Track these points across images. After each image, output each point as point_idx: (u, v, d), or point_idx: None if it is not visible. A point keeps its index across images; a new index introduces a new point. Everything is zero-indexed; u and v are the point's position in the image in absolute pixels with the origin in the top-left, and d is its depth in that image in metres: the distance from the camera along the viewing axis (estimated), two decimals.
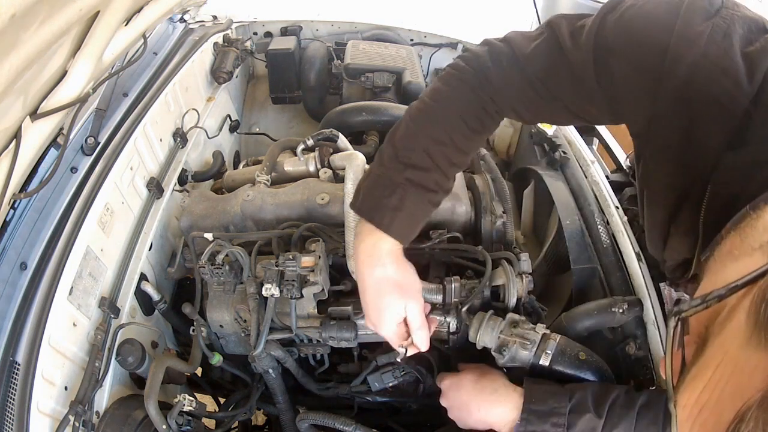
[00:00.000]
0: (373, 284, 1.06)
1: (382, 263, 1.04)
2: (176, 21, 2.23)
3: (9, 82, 0.85)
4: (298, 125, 2.70)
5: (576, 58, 0.87)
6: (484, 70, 1.00)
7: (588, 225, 1.57)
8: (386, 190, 1.01)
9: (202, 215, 1.51)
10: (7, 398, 1.02)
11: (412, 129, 1.03)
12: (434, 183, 1.02)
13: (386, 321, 1.09)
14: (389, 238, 1.02)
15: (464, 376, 1.25)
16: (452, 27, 2.69)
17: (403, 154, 1.01)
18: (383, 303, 1.07)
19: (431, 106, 1.04)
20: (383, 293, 1.06)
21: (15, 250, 1.19)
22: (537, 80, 0.94)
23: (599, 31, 0.84)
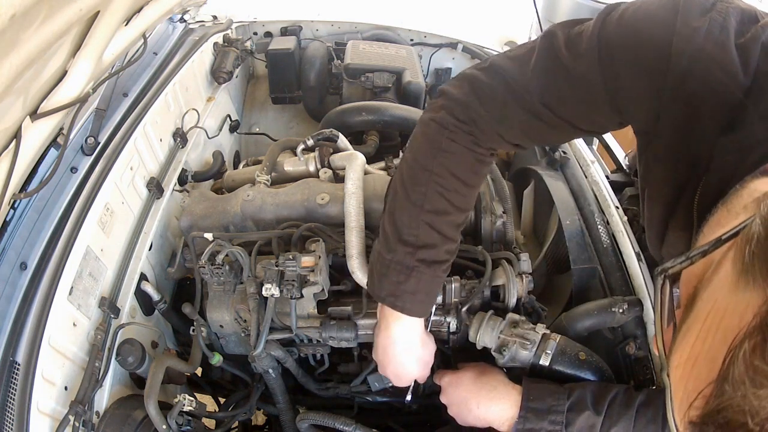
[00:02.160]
0: (392, 359, 1.18)
1: (409, 344, 1.17)
2: (176, 21, 2.23)
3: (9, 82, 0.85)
4: (298, 125, 2.70)
5: (579, 69, 0.86)
6: (476, 120, 0.97)
7: (588, 225, 1.57)
8: (401, 276, 1.03)
9: (202, 215, 1.51)
10: (7, 398, 1.02)
11: (409, 206, 1.01)
12: (445, 253, 1.04)
13: (405, 381, 1.24)
14: (414, 319, 1.13)
15: (464, 373, 1.26)
16: (452, 27, 2.69)
17: (408, 235, 1.01)
18: (406, 373, 1.22)
19: (423, 176, 1.00)
20: (408, 367, 1.20)
21: (15, 250, 1.19)
22: (541, 106, 0.91)
23: (601, 35, 0.84)
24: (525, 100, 0.92)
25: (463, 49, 2.69)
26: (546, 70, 0.90)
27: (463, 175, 1.00)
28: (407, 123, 1.93)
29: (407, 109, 1.96)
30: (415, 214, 1.00)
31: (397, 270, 1.03)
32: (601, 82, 0.84)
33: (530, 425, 1.10)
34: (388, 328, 1.13)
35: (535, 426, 1.10)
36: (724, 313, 0.45)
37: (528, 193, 1.90)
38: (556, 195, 1.67)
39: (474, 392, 1.20)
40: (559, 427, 1.09)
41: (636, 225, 1.59)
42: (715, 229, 0.62)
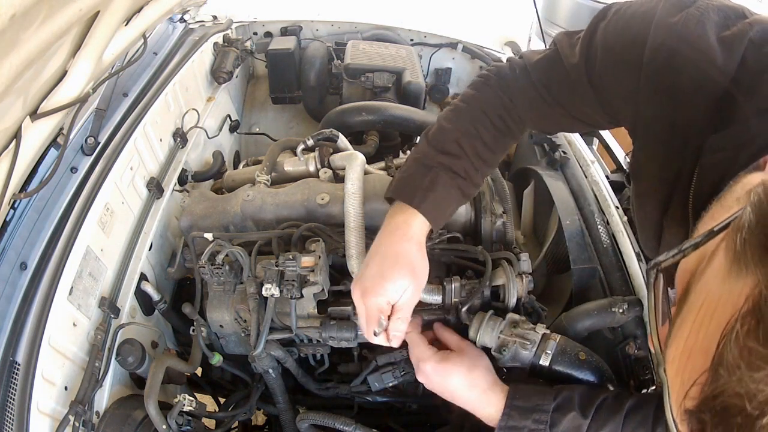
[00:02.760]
0: (391, 253, 1.05)
1: (409, 238, 1.05)
2: (176, 21, 2.23)
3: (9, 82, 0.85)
4: (298, 125, 2.71)
5: (570, 64, 0.95)
6: (503, 75, 1.12)
7: (588, 225, 1.57)
8: (419, 172, 1.08)
9: (202, 215, 1.51)
10: (7, 398, 1.02)
11: (443, 125, 1.12)
12: (464, 170, 1.08)
13: (381, 293, 1.04)
14: (420, 218, 1.06)
15: (453, 368, 1.16)
16: (452, 27, 2.69)
17: (436, 142, 1.09)
18: (391, 274, 1.03)
19: (460, 106, 1.13)
20: (396, 266, 1.04)
21: (15, 250, 1.19)
22: (541, 86, 1.03)
23: (590, 36, 0.92)
24: (531, 77, 1.05)
25: (463, 49, 2.69)
26: (549, 61, 1.02)
27: (490, 115, 1.10)
28: (407, 123, 1.93)
29: (407, 109, 1.96)
30: (446, 130, 1.10)
31: (417, 168, 1.08)
32: (586, 80, 0.93)
33: (513, 423, 1.07)
34: (390, 223, 1.08)
35: (518, 424, 1.07)
36: (717, 302, 0.44)
37: (528, 193, 1.90)
38: (556, 195, 1.67)
39: (464, 392, 1.14)
40: (543, 426, 1.06)
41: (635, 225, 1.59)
42: (708, 224, 0.62)
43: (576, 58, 0.94)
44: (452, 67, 2.78)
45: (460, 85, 2.85)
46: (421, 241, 1.08)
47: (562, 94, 1.01)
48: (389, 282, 1.04)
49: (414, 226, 1.06)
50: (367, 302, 1.06)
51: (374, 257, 1.07)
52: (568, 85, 0.98)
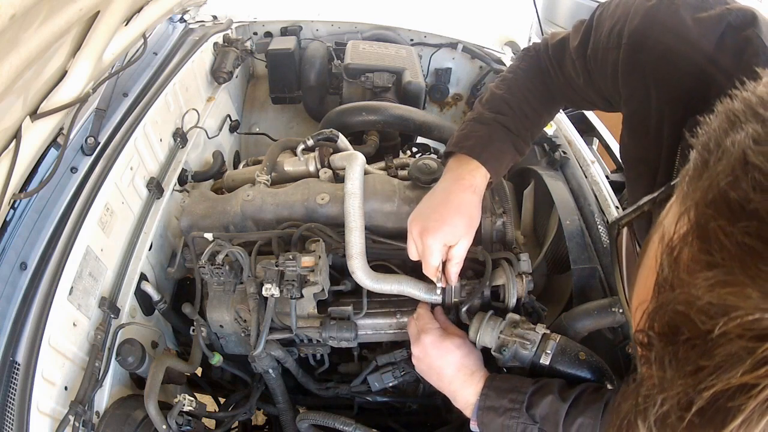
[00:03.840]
0: (454, 200, 1.13)
1: (472, 189, 1.14)
2: (176, 21, 2.23)
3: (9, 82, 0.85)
4: (298, 125, 2.71)
5: (573, 46, 1.05)
6: (537, 48, 1.23)
7: (588, 225, 1.57)
8: (476, 128, 1.17)
9: (202, 215, 1.51)
10: (7, 398, 1.02)
11: (494, 91, 1.22)
12: (515, 128, 1.17)
13: (440, 235, 1.12)
14: (482, 170, 1.14)
15: (451, 347, 1.21)
16: (452, 27, 2.69)
17: (489, 105, 1.20)
18: (452, 220, 1.12)
19: (507, 76, 1.24)
20: (458, 214, 1.12)
21: (15, 250, 1.19)
22: (556, 63, 1.15)
23: (589, 21, 1.01)
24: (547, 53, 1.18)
25: (463, 49, 2.69)
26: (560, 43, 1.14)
27: (533, 77, 1.21)
28: (407, 123, 1.93)
29: (407, 109, 1.96)
30: (495, 93, 1.21)
31: (475, 124, 1.18)
32: (583, 64, 1.02)
33: (490, 402, 1.10)
34: (454, 173, 1.15)
35: (494, 403, 1.10)
36: (663, 236, 0.44)
37: (528, 193, 1.90)
38: (556, 195, 1.67)
39: (454, 372, 1.19)
40: (518, 405, 1.08)
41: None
42: None
43: (576, 41, 1.03)
44: (452, 67, 2.78)
45: (460, 85, 2.85)
46: (481, 194, 1.17)
47: (567, 73, 1.11)
48: (449, 227, 1.12)
49: (477, 177, 1.14)
50: (425, 240, 1.14)
51: (437, 200, 1.15)
52: (570, 64, 1.08)
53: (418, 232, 1.16)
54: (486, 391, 1.12)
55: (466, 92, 2.87)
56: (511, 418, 1.08)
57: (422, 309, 1.32)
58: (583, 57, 1.02)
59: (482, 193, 1.18)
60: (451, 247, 1.17)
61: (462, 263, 1.20)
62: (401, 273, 1.39)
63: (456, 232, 1.13)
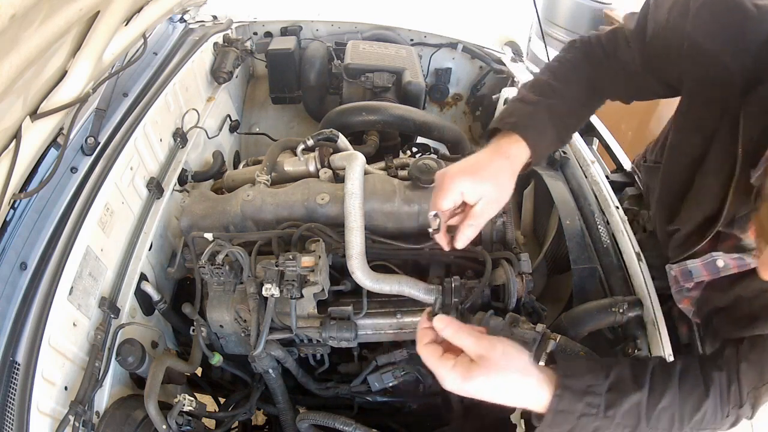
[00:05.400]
0: (485, 160, 1.11)
1: (507, 156, 1.12)
2: (176, 21, 2.23)
3: (9, 82, 0.85)
4: (298, 125, 2.71)
5: (629, 30, 1.17)
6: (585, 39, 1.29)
7: (588, 225, 1.57)
8: (519, 107, 1.19)
9: (202, 215, 1.51)
10: (7, 398, 1.02)
11: (539, 77, 1.27)
12: (557, 110, 1.19)
13: (461, 182, 1.08)
14: (522, 144, 1.13)
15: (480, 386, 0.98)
16: (452, 27, 2.69)
17: (532, 88, 1.23)
18: (478, 174, 1.09)
19: (552, 65, 1.29)
20: (485, 171, 1.09)
21: (15, 250, 1.19)
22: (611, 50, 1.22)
23: (645, 8, 1.12)
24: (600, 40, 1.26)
25: (463, 49, 2.69)
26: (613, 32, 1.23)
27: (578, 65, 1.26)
28: (407, 123, 1.93)
29: (407, 109, 1.96)
30: (541, 80, 1.25)
31: (518, 104, 1.21)
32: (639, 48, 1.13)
33: (564, 406, 0.97)
34: (494, 144, 1.15)
35: (568, 408, 0.97)
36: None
37: (528, 193, 1.90)
38: (556, 195, 1.67)
39: (499, 398, 0.99)
40: (595, 410, 0.98)
41: (636, 225, 1.59)
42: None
43: (633, 26, 1.13)
44: (452, 67, 2.78)
45: (460, 85, 2.85)
46: (516, 166, 1.13)
47: (623, 59, 1.18)
48: (472, 176, 1.08)
49: (514, 148, 1.12)
50: (446, 181, 1.09)
51: (469, 161, 1.12)
52: (626, 50, 1.17)
53: (443, 173, 1.11)
54: (560, 391, 0.98)
55: (466, 92, 2.87)
56: (587, 419, 0.98)
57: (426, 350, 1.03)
58: (642, 41, 1.11)
59: (518, 165, 1.13)
60: (469, 207, 1.11)
61: (478, 231, 1.12)
62: (401, 273, 1.39)
63: (477, 189, 1.08)
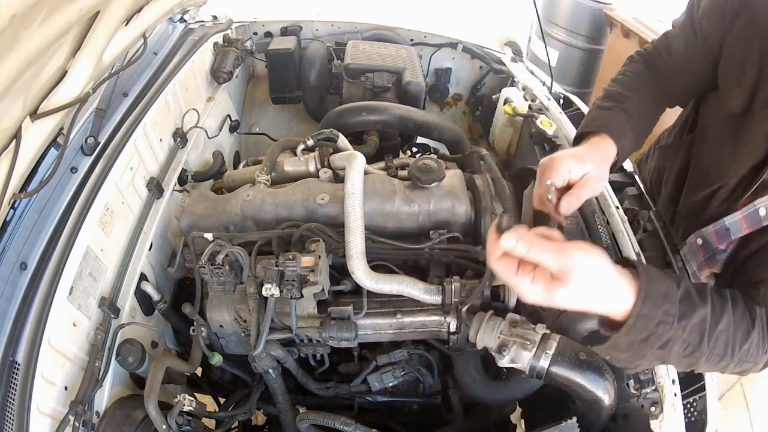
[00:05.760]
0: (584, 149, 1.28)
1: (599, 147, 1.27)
2: (176, 21, 2.23)
3: (9, 82, 0.85)
4: (298, 125, 2.71)
5: (678, 21, 1.38)
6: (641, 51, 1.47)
7: (588, 225, 1.57)
8: (599, 112, 1.35)
9: (202, 215, 1.51)
10: (7, 398, 1.02)
11: (608, 88, 1.42)
12: (632, 112, 1.33)
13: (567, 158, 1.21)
14: (609, 140, 1.27)
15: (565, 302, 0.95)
16: (452, 27, 2.69)
17: (606, 97, 1.39)
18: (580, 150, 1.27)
19: (617, 77, 1.44)
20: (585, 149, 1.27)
21: (15, 250, 1.19)
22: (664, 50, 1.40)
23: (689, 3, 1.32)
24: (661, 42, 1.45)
25: (463, 49, 2.69)
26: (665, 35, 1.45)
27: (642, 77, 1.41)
28: (407, 123, 1.93)
29: (407, 109, 1.96)
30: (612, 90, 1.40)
31: (596, 110, 1.37)
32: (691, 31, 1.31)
33: (646, 310, 0.95)
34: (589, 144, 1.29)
35: (650, 312, 0.95)
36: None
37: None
38: None
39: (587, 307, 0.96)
40: (671, 319, 0.96)
41: (636, 225, 1.59)
42: None
43: (681, 17, 1.34)
44: (452, 67, 2.78)
45: (460, 85, 2.85)
46: (609, 159, 1.27)
47: (676, 52, 1.35)
48: (576, 159, 1.21)
49: (603, 145, 1.27)
50: (556, 161, 1.21)
51: (573, 148, 1.31)
52: (676, 41, 1.35)
53: (549, 158, 1.22)
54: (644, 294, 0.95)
55: (466, 92, 2.87)
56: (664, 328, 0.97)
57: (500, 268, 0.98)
58: (691, 25, 1.30)
59: (610, 159, 1.27)
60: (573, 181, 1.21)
61: (580, 203, 1.19)
62: (401, 273, 1.39)
63: (581, 168, 1.19)
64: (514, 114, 2.18)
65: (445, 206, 1.48)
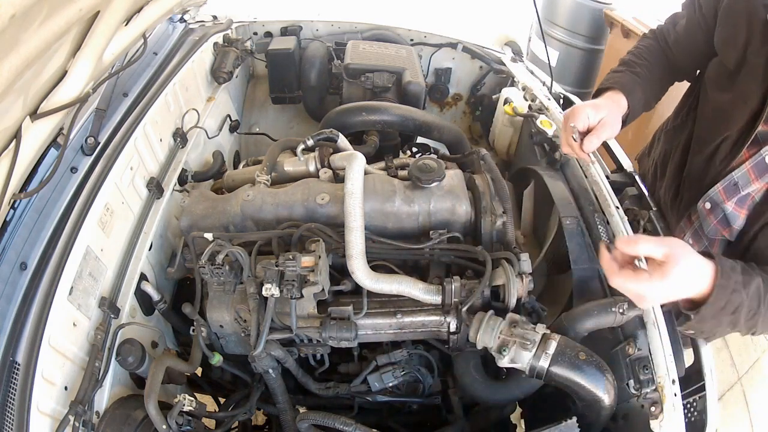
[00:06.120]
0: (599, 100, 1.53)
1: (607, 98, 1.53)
2: (176, 21, 2.23)
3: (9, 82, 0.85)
4: (298, 125, 2.71)
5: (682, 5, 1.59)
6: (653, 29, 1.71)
7: (588, 225, 1.57)
8: (612, 75, 1.60)
9: (202, 215, 1.51)
10: (7, 398, 1.02)
11: (623, 57, 1.66)
12: (641, 74, 1.57)
13: (585, 106, 1.46)
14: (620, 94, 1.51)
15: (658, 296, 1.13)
16: (452, 27, 2.69)
17: (618, 65, 1.64)
18: (584, 105, 1.48)
19: (631, 50, 1.68)
20: (588, 104, 1.49)
21: (15, 250, 1.19)
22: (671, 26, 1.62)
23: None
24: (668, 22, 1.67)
25: (463, 49, 2.69)
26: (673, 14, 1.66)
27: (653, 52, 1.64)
28: (407, 123, 1.93)
29: (407, 109, 1.96)
30: (625, 58, 1.66)
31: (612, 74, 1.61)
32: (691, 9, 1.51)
33: (723, 281, 1.08)
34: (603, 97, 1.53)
35: (725, 283, 1.08)
36: None
37: (528, 193, 1.90)
38: (556, 195, 1.67)
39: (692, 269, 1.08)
40: (740, 287, 1.10)
41: (636, 225, 1.59)
42: None
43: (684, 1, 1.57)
44: (452, 67, 2.78)
45: (460, 85, 2.85)
46: (621, 109, 1.50)
47: (681, 28, 1.55)
48: (593, 106, 1.47)
49: (615, 97, 1.51)
50: (577, 108, 1.47)
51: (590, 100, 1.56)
52: (681, 18, 1.55)
53: (570, 109, 1.49)
54: (720, 267, 1.08)
55: (466, 92, 2.87)
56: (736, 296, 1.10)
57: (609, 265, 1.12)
58: (692, 2, 1.49)
59: (622, 110, 1.50)
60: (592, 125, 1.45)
61: (599, 143, 1.44)
62: (401, 273, 1.39)
63: (598, 113, 1.44)
64: (514, 114, 2.18)
65: (445, 206, 1.48)
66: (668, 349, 1.26)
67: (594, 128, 1.44)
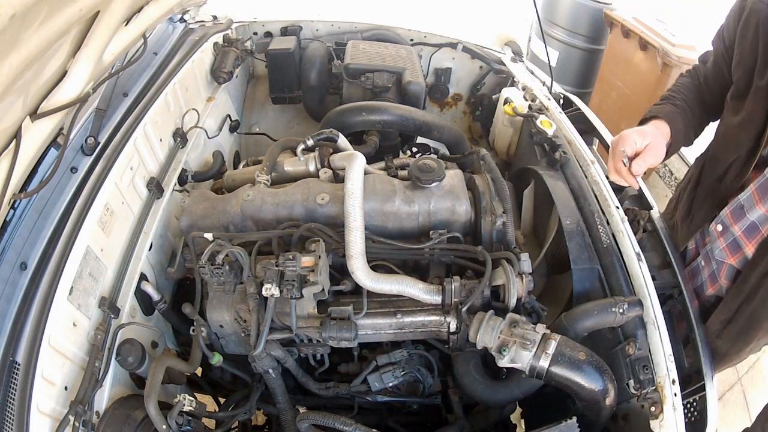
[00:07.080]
0: (645, 127, 1.56)
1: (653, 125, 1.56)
2: (176, 21, 2.23)
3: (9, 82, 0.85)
4: (298, 125, 2.70)
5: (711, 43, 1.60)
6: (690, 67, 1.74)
7: (588, 225, 1.57)
8: (653, 108, 1.62)
9: (202, 215, 1.51)
10: (7, 398, 1.02)
11: (664, 93, 1.69)
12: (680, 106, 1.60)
13: (632, 133, 1.50)
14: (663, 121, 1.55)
15: None
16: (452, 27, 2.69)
17: (660, 98, 1.67)
18: (631, 132, 1.51)
19: (671, 87, 1.70)
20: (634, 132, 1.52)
21: (15, 250, 1.19)
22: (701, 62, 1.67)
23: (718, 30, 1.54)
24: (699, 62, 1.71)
25: (463, 49, 2.69)
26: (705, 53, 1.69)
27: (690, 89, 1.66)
28: (407, 123, 1.93)
29: (407, 109, 1.96)
30: (665, 94, 1.69)
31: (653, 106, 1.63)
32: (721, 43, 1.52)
33: None
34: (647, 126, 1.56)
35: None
36: None
37: (528, 193, 1.90)
38: (556, 195, 1.67)
39: None
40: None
41: (636, 225, 1.59)
42: None
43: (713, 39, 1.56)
44: (452, 67, 2.78)
45: (460, 84, 2.85)
46: (665, 137, 1.52)
47: (715, 63, 1.56)
48: (640, 133, 1.50)
49: (660, 126, 1.53)
50: (625, 135, 1.51)
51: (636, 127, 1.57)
52: (713, 57, 1.58)
53: (618, 136, 1.52)
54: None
55: (466, 92, 2.87)
56: None
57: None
58: (720, 35, 1.51)
59: (665, 134, 1.52)
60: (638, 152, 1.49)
61: (646, 167, 1.47)
62: (401, 273, 1.39)
63: (644, 139, 1.47)
64: (514, 114, 2.18)
65: (445, 206, 1.48)
66: (668, 349, 1.26)
67: (641, 153, 1.47)
